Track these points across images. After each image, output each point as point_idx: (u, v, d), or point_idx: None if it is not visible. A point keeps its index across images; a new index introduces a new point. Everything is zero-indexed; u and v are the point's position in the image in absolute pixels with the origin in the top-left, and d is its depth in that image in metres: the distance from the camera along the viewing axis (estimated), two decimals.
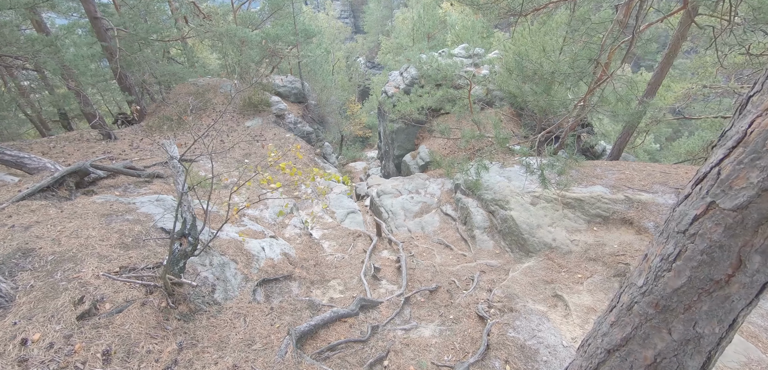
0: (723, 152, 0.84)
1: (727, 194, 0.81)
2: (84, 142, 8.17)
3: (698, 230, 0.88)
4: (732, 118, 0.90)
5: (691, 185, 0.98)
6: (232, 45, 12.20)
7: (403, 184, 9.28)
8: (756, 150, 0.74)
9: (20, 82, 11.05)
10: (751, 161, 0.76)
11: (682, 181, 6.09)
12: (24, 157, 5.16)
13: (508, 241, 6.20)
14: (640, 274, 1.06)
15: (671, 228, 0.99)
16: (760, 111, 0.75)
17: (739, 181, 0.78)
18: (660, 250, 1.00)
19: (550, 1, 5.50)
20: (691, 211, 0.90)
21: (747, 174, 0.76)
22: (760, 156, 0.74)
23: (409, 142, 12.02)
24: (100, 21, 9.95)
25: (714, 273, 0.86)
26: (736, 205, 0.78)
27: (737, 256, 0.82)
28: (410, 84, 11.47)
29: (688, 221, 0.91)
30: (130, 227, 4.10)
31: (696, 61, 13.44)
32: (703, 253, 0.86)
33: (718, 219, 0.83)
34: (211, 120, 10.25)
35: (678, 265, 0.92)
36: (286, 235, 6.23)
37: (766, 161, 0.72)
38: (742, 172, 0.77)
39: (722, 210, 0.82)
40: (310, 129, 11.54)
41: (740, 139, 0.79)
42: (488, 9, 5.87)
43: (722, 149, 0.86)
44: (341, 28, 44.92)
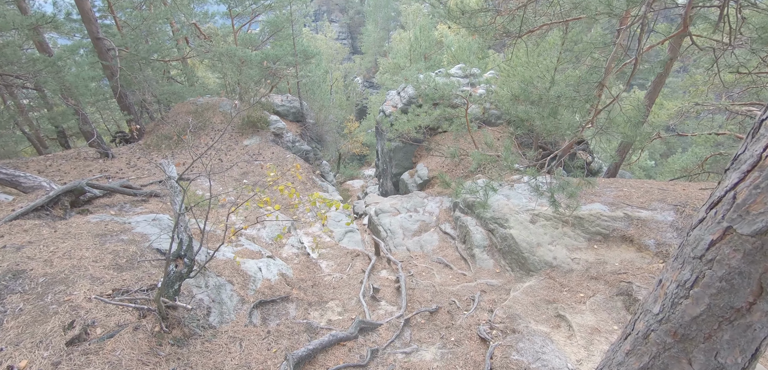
0: (738, 176, 0.83)
1: (745, 219, 0.79)
2: (81, 161, 8.12)
3: (716, 256, 0.86)
4: (745, 142, 0.89)
5: (705, 208, 0.97)
6: (232, 65, 12.36)
7: (401, 202, 9.25)
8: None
9: (20, 101, 11.07)
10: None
11: (680, 197, 6.11)
12: (19, 175, 5.10)
13: (509, 260, 6.14)
14: (656, 301, 1.02)
15: (687, 253, 0.97)
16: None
17: (757, 206, 0.77)
18: (676, 276, 0.97)
19: (543, 24, 5.64)
20: (707, 236, 0.89)
21: (764, 199, 0.75)
22: None
23: (407, 160, 12.06)
24: (102, 41, 10.07)
25: (734, 301, 0.83)
26: (755, 230, 0.77)
27: (758, 283, 0.79)
28: (408, 103, 11.60)
29: (705, 246, 0.89)
30: (125, 247, 4.02)
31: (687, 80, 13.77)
32: (722, 280, 0.84)
33: (737, 245, 0.81)
34: (210, 139, 10.26)
35: (696, 292, 0.89)
36: (283, 255, 6.14)
37: None
38: (759, 197, 0.76)
39: (740, 235, 0.81)
40: (308, 148, 11.57)
41: (755, 163, 0.78)
42: (484, 30, 6.00)
43: (737, 173, 0.85)
44: (339, 48, 45.76)
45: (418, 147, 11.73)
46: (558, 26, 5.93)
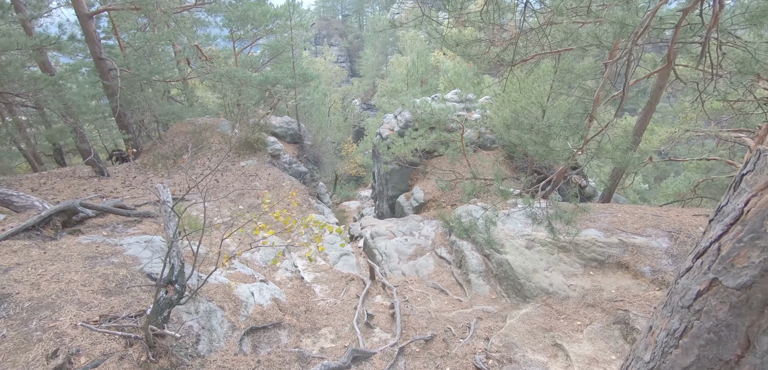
0: (721, 228, 0.85)
1: (730, 272, 0.80)
2: (76, 179, 8.07)
3: (703, 307, 0.86)
4: (727, 194, 0.92)
5: (692, 257, 0.98)
6: (232, 86, 12.53)
7: (397, 225, 9.22)
8: (754, 229, 0.75)
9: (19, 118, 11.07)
10: (751, 240, 0.76)
11: (673, 224, 6.15)
12: (12, 195, 5.04)
13: (505, 285, 6.09)
14: (647, 348, 1.02)
15: (675, 302, 0.97)
16: (755, 190, 0.77)
17: (741, 259, 0.78)
18: (665, 324, 0.98)
19: (536, 53, 5.81)
20: (694, 286, 0.90)
21: (748, 253, 0.77)
22: (759, 236, 0.74)
23: (403, 183, 12.10)
24: (104, 61, 10.21)
25: (723, 353, 0.84)
26: (740, 284, 0.78)
27: (745, 336, 0.80)
28: (404, 127, 11.75)
29: (692, 297, 0.89)
30: (115, 270, 3.95)
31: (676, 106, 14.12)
32: (710, 331, 0.84)
33: (723, 297, 0.82)
34: (207, 159, 10.27)
35: (685, 342, 0.89)
36: (276, 278, 6.05)
37: (766, 242, 0.73)
38: (742, 251, 0.77)
39: (726, 288, 0.82)
40: (304, 169, 11.60)
41: (737, 216, 0.80)
42: (479, 59, 6.17)
43: (720, 225, 0.87)
44: (338, 71, 46.63)
45: (414, 170, 11.80)
46: (551, 56, 6.11)
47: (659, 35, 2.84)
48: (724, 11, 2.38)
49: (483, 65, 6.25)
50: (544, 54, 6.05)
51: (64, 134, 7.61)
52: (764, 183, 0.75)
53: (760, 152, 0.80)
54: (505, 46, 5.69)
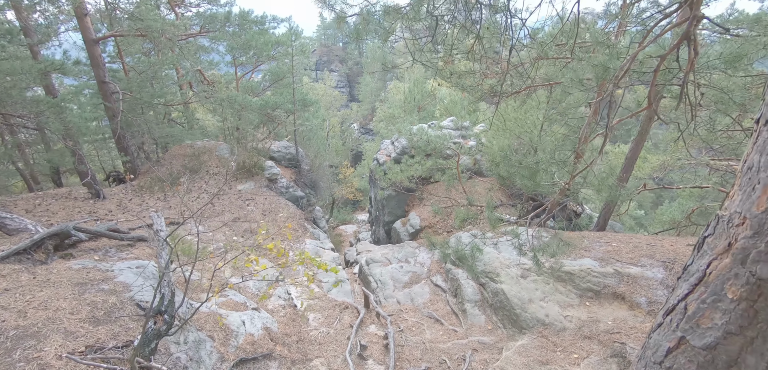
0: (687, 287, 0.89)
1: (696, 331, 0.83)
2: (71, 201, 8.04)
3: (673, 364, 0.88)
4: (692, 255, 0.96)
5: (662, 313, 1.01)
6: (233, 110, 12.73)
7: (392, 252, 9.17)
8: (716, 292, 0.79)
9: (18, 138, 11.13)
10: (713, 302, 0.80)
11: (667, 253, 6.16)
12: (5, 217, 5.02)
13: (500, 316, 6.01)
14: None
15: (648, 356, 0.99)
16: (715, 254, 0.81)
17: (705, 320, 0.81)
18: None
19: (529, 85, 5.99)
20: (664, 342, 0.92)
21: (711, 314, 0.80)
22: (720, 298, 0.78)
23: (400, 208, 12.12)
24: (108, 85, 10.39)
25: None
26: (705, 344, 0.80)
27: None
28: (401, 153, 11.89)
29: (663, 353, 0.92)
30: (105, 298, 3.89)
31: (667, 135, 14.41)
32: None
33: (691, 356, 0.84)
34: (204, 182, 10.29)
35: None
36: (269, 306, 5.95)
37: (727, 305, 0.76)
38: (706, 312, 0.80)
39: (693, 348, 0.84)
40: (301, 194, 11.62)
41: (701, 277, 0.84)
42: (473, 90, 6.35)
43: (687, 284, 0.90)
44: (337, 96, 47.49)
45: (411, 196, 11.85)
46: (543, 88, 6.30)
47: (640, 78, 2.99)
48: (700, 56, 2.51)
49: (477, 95, 6.43)
50: (535, 86, 6.24)
51: (64, 156, 7.65)
52: (723, 247, 0.79)
53: (719, 217, 0.84)
54: (498, 78, 5.88)
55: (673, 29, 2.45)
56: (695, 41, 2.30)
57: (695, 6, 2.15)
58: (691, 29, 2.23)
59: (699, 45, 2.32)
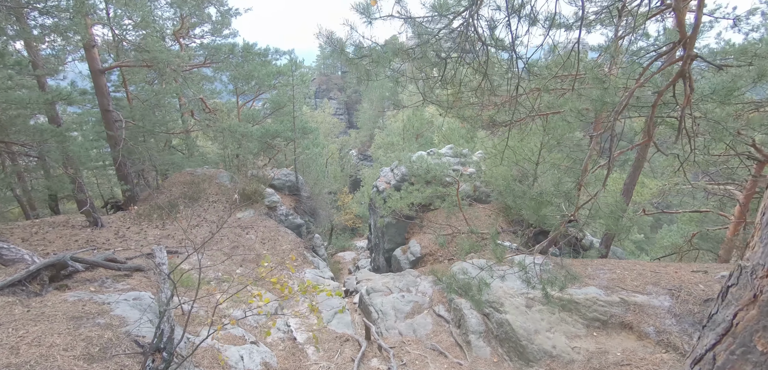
0: (714, 337, 0.88)
1: None
2: (68, 229, 7.94)
3: None
4: (716, 303, 0.96)
5: (690, 362, 1.00)
6: (234, 138, 12.86)
7: (393, 281, 9.02)
8: (745, 344, 0.79)
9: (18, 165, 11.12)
10: (743, 354, 0.80)
11: (673, 281, 6.09)
12: (2, 247, 4.94)
13: (506, 348, 5.86)
14: None
15: None
16: (741, 305, 0.82)
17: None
18: None
19: (527, 115, 6.12)
20: None
21: (741, 366, 0.79)
22: (749, 350, 0.78)
23: (400, 236, 12.04)
24: (111, 113, 10.52)
25: None
26: None
27: None
28: (401, 180, 11.94)
29: None
30: (100, 333, 3.77)
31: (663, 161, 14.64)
32: None
33: None
34: (204, 210, 10.24)
35: None
36: (268, 339, 5.79)
37: (757, 357, 0.76)
38: (736, 364, 0.80)
39: None
40: (301, 221, 11.56)
41: (728, 328, 0.84)
42: (473, 121, 6.48)
43: (713, 334, 0.90)
44: (336, 123, 48.18)
45: (411, 224, 11.81)
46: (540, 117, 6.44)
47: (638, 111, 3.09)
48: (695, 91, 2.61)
49: (477, 125, 6.55)
50: (534, 115, 6.38)
51: (64, 184, 7.62)
52: (749, 299, 0.80)
53: (742, 267, 0.85)
54: (497, 109, 6.01)
55: (669, 67, 2.56)
56: (690, 78, 2.39)
57: (689, 46, 2.25)
58: (686, 67, 2.33)
59: (693, 79, 2.41)
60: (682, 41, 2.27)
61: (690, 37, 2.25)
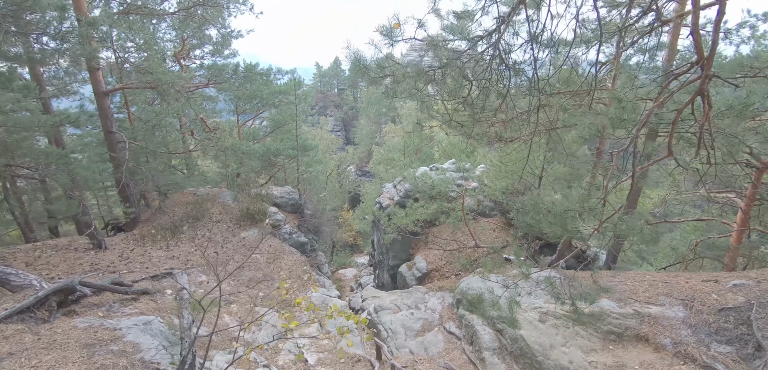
0: None
1: None
2: (71, 252, 7.81)
3: None
4: None
5: None
6: (236, 157, 12.86)
7: (402, 298, 8.94)
8: None
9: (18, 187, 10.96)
10: None
11: (684, 291, 6.09)
12: (10, 273, 4.84)
13: (522, 364, 5.79)
14: None
15: None
16: None
17: None
18: None
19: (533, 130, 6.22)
20: None
21: None
22: None
23: (405, 252, 11.97)
24: (114, 135, 10.50)
25: None
26: None
27: None
28: (404, 197, 11.96)
29: None
30: (115, 360, 3.68)
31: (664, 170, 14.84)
32: None
33: None
34: (207, 230, 10.15)
35: None
36: (279, 362, 5.67)
37: None
38: None
39: None
40: (305, 239, 11.47)
41: None
42: (480, 138, 6.57)
43: None
44: (334, 140, 48.46)
45: (415, 239, 11.77)
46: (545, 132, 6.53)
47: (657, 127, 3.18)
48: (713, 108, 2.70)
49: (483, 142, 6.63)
50: (540, 131, 6.48)
51: (72, 207, 7.52)
52: None
53: None
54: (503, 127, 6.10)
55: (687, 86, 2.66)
56: (708, 96, 2.48)
57: (706, 66, 2.34)
58: (704, 86, 2.41)
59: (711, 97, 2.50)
60: (700, 61, 2.36)
61: (707, 57, 2.34)
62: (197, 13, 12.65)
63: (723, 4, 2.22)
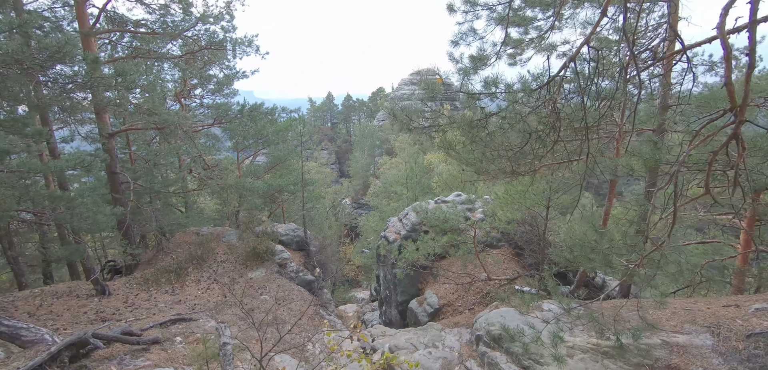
0: None
1: None
2: (74, 299, 7.44)
3: None
4: None
5: None
6: (238, 195, 12.74)
7: (417, 337, 8.70)
8: None
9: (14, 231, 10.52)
10: None
11: (707, 317, 6.10)
12: (21, 328, 4.57)
13: None
14: None
15: None
16: None
17: None
18: None
19: (551, 162, 6.40)
20: None
21: None
22: None
23: (413, 287, 11.78)
24: (118, 175, 10.36)
25: None
26: None
27: None
28: (411, 230, 11.93)
29: None
30: None
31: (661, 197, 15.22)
32: None
33: None
34: (213, 271, 9.85)
35: None
36: None
37: None
38: None
39: None
40: (311, 278, 11.22)
41: None
42: (496, 175, 6.71)
43: None
44: (328, 173, 48.68)
45: (424, 273, 11.62)
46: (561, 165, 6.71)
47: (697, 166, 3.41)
48: (747, 150, 2.90)
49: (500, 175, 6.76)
50: (558, 163, 6.66)
51: (79, 252, 7.26)
52: None
53: None
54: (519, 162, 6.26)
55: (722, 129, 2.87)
56: (742, 139, 2.64)
57: (740, 113, 2.52)
58: (738, 130, 2.59)
59: (744, 140, 2.67)
60: (733, 109, 2.55)
61: (740, 106, 2.53)
62: (204, 56, 12.94)
63: (752, 56, 2.42)
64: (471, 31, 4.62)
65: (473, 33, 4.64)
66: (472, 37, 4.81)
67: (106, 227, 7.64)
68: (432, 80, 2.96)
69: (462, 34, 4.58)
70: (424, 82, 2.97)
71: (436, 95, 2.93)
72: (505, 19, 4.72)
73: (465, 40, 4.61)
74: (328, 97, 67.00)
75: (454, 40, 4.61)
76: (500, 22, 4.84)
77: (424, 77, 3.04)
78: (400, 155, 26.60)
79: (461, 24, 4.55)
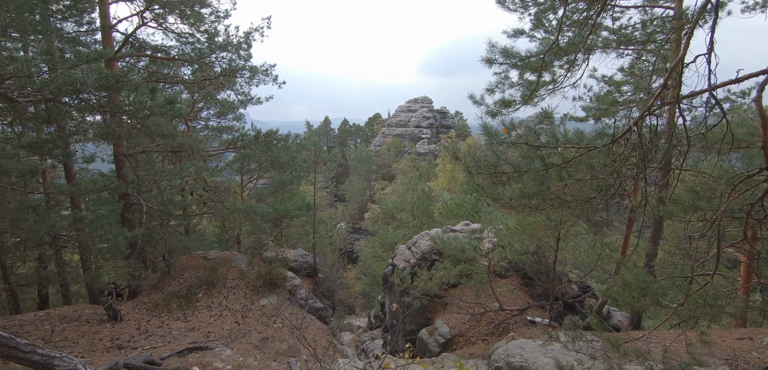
0: None
1: None
2: (85, 324, 7.20)
3: None
4: None
5: None
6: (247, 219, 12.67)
7: (434, 368, 8.64)
8: None
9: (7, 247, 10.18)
10: None
11: (724, 349, 6.30)
12: (54, 357, 4.44)
13: None
14: None
15: None
16: None
17: None
18: None
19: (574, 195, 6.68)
20: None
21: None
22: None
23: (422, 316, 11.73)
24: (130, 197, 10.24)
25: None
26: None
27: None
28: (421, 259, 12.01)
29: None
30: None
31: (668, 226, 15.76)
32: None
33: None
34: (223, 297, 9.68)
35: None
36: None
37: None
38: None
39: None
40: (321, 305, 11.10)
41: None
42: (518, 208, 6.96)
43: None
44: (324, 196, 48.59)
45: (433, 302, 11.62)
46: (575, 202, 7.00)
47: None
48: None
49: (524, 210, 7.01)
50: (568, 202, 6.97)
51: (100, 277, 7.11)
52: None
53: None
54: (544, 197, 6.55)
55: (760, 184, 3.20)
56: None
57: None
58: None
59: None
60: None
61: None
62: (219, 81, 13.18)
63: None
64: (505, 79, 5.04)
65: (507, 80, 5.06)
66: (501, 87, 5.26)
67: (124, 252, 7.53)
68: (498, 130, 3.24)
69: (498, 83, 5.01)
70: (485, 127, 3.24)
71: (501, 141, 3.21)
72: (535, 67, 5.13)
73: (500, 88, 5.03)
74: (324, 122, 67.78)
75: (489, 88, 5.02)
76: (531, 70, 5.26)
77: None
78: (401, 181, 26.90)
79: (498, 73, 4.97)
